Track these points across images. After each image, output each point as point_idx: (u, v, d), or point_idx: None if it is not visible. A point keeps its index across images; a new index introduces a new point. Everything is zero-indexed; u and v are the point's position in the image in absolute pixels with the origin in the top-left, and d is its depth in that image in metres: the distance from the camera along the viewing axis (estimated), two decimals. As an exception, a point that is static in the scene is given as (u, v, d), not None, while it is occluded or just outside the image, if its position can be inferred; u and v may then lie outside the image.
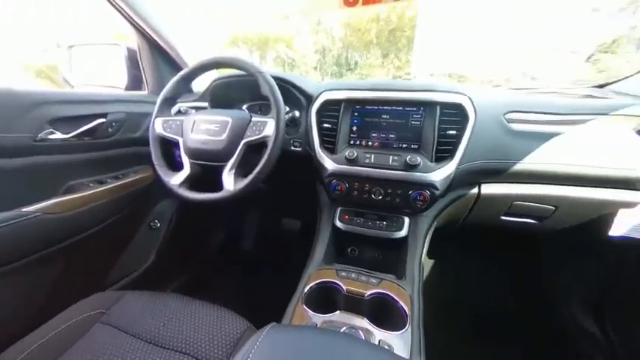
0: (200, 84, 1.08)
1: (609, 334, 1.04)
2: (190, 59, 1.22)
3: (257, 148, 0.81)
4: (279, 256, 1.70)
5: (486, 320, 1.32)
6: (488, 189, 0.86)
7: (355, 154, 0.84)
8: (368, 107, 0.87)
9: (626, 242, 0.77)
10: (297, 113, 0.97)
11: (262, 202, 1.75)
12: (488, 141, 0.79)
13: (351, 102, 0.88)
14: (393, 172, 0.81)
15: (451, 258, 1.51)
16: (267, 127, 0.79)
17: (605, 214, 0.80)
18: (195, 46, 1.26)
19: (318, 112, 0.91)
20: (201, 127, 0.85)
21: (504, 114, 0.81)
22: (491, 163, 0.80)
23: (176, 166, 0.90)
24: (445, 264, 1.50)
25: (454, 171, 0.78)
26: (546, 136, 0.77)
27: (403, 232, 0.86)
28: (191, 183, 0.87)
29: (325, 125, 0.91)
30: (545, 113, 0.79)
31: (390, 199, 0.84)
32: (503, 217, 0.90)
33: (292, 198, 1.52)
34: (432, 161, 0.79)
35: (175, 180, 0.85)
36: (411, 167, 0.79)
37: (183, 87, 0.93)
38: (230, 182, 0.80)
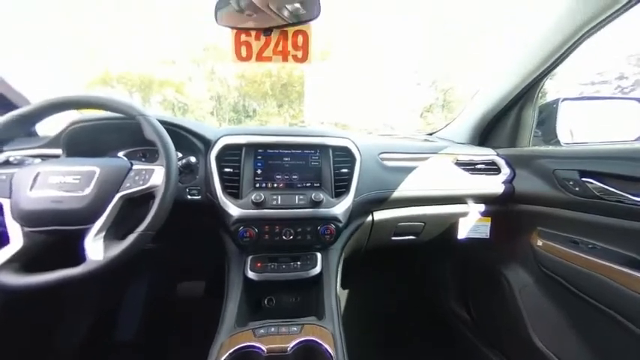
0: (49, 128, 0.83)
1: (473, 315, 1.34)
2: (34, 98, 0.94)
3: (140, 201, 0.67)
4: (176, 337, 1.34)
5: (397, 328, 1.51)
6: (380, 215, 1.03)
7: (262, 197, 0.83)
8: (270, 151, 0.91)
9: (469, 242, 1.09)
10: (192, 159, 0.88)
11: (151, 268, 1.40)
12: (372, 176, 0.97)
13: (253, 146, 0.89)
14: (300, 210, 0.85)
15: (359, 283, 1.64)
16: (155, 176, 0.67)
17: (453, 223, 1.10)
18: (46, 85, 0.99)
19: (218, 157, 0.87)
20: (51, 182, 0.63)
21: (379, 154, 1.03)
22: (378, 193, 0.98)
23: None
24: (356, 289, 1.62)
25: (351, 203, 0.90)
26: (408, 170, 1.03)
27: (317, 269, 0.88)
28: (26, 261, 0.60)
29: (227, 170, 0.87)
30: (405, 153, 1.06)
31: (300, 237, 0.86)
32: (393, 238, 1.10)
33: (191, 255, 1.30)
34: (332, 197, 0.89)
35: None
36: (316, 204, 0.85)
37: (18, 129, 0.68)
38: (97, 250, 0.60)
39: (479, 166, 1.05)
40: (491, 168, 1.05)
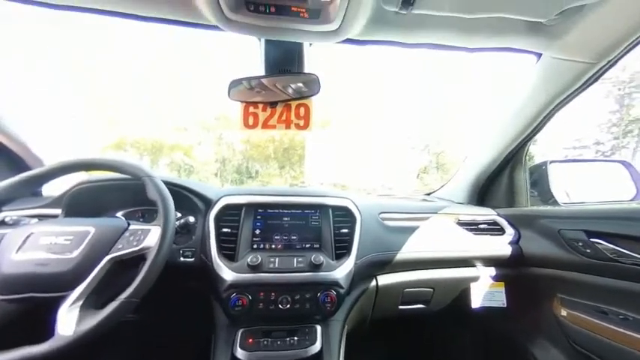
0: (54, 187, 0.85)
1: None
2: (49, 160, 0.99)
3: (130, 264, 0.63)
4: None
5: None
6: (384, 280, 0.96)
7: (259, 259, 0.79)
8: (270, 211, 0.90)
9: (485, 312, 0.98)
10: (191, 219, 0.87)
11: (126, 343, 1.22)
12: (373, 236, 0.94)
13: (253, 206, 0.89)
14: (299, 274, 0.80)
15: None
16: (150, 236, 0.65)
17: (464, 289, 1.01)
18: (64, 148, 1.06)
19: (217, 217, 0.86)
20: (41, 243, 0.61)
21: (379, 214, 1.02)
22: (380, 255, 0.93)
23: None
24: None
25: (353, 266, 0.85)
26: (410, 230, 1.00)
27: (317, 346, 0.78)
28: None
29: (225, 230, 0.85)
30: (405, 212, 1.06)
31: (299, 305, 0.79)
32: (400, 307, 0.99)
33: (173, 329, 1.15)
34: (333, 259, 0.85)
35: None
36: (316, 267, 0.81)
37: (25, 189, 0.70)
38: (69, 322, 0.53)
39: (481, 226, 1.03)
40: (495, 228, 1.03)
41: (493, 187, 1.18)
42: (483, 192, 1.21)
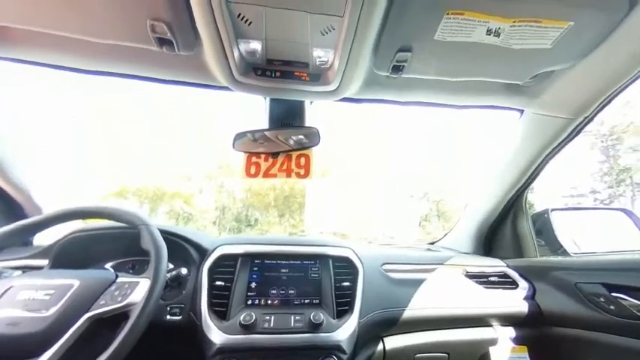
0: (43, 238, 0.82)
1: None
2: (48, 208, 0.99)
3: (111, 322, 0.57)
4: None
5: None
6: (392, 343, 0.86)
7: (253, 317, 0.71)
8: (267, 261, 0.86)
9: None
10: (183, 271, 0.82)
11: None
12: (377, 290, 0.87)
13: (249, 256, 0.85)
14: (297, 336, 0.72)
15: None
16: (137, 291, 0.60)
17: (483, 354, 0.88)
18: (65, 194, 1.06)
19: (211, 268, 0.81)
20: (19, 298, 0.56)
21: (382, 265, 0.96)
22: (386, 312, 0.85)
23: None
24: None
25: (357, 325, 0.77)
26: (417, 282, 0.94)
27: None
28: None
29: (218, 284, 0.79)
30: (409, 263, 1.00)
31: None
32: None
33: None
34: (334, 317, 0.78)
35: None
36: (316, 327, 0.73)
37: (18, 239, 0.68)
38: None
39: (492, 279, 0.97)
40: (506, 281, 0.96)
41: (497, 236, 1.15)
42: (488, 241, 1.17)
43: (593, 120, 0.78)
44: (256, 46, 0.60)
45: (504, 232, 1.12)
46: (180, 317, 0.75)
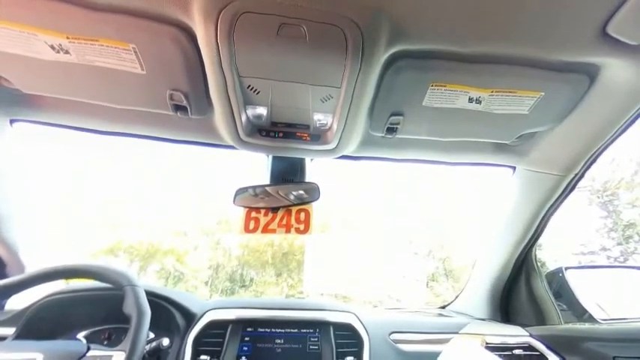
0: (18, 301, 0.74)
1: None
2: (31, 266, 0.92)
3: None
4: None
5: None
6: None
7: None
8: (261, 330, 0.77)
9: None
10: (165, 342, 0.72)
11: None
12: None
13: (240, 323, 0.76)
14: None
15: None
16: (108, 368, 0.52)
17: None
18: (50, 251, 1.01)
19: (197, 338, 0.72)
20: None
21: (390, 334, 0.87)
22: None
23: None
24: None
25: None
26: (432, 357, 0.83)
27: None
28: None
29: (203, 358, 0.69)
30: (421, 332, 0.90)
31: None
32: None
33: None
34: None
35: None
36: None
37: None
38: None
39: (516, 352, 0.85)
40: (533, 355, 0.84)
41: (513, 298, 1.06)
42: (505, 305, 1.07)
43: (584, 176, 0.80)
44: (262, 111, 0.66)
45: (519, 294, 1.03)
46: None
